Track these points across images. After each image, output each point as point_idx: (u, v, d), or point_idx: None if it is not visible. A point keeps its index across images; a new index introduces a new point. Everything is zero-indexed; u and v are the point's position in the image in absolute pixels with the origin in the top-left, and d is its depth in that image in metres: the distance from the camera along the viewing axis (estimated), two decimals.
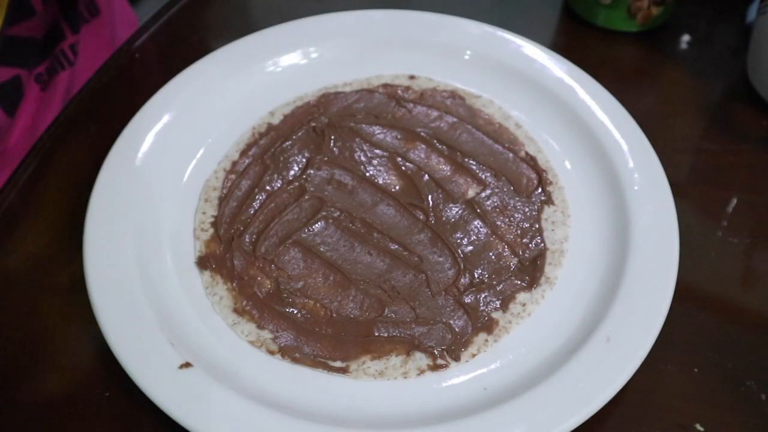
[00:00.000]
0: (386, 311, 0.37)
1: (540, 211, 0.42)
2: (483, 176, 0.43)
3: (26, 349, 0.38)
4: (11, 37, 0.47)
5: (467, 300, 0.38)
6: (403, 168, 0.43)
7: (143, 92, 0.46)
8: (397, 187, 0.42)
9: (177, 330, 0.36)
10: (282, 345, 0.36)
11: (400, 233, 0.40)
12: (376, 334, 0.37)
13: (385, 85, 0.47)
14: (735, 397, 0.36)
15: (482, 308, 0.38)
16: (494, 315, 0.38)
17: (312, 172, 0.43)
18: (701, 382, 0.36)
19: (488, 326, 0.37)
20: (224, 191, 0.42)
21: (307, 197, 0.42)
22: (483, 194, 0.42)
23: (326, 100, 0.47)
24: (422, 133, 0.45)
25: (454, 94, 0.47)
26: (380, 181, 0.43)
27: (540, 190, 0.42)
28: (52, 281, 0.40)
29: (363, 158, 0.43)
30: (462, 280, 0.38)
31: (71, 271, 0.39)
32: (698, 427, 0.35)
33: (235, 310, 0.38)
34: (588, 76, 0.46)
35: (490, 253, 0.40)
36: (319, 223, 0.40)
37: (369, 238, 0.40)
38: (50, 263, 0.41)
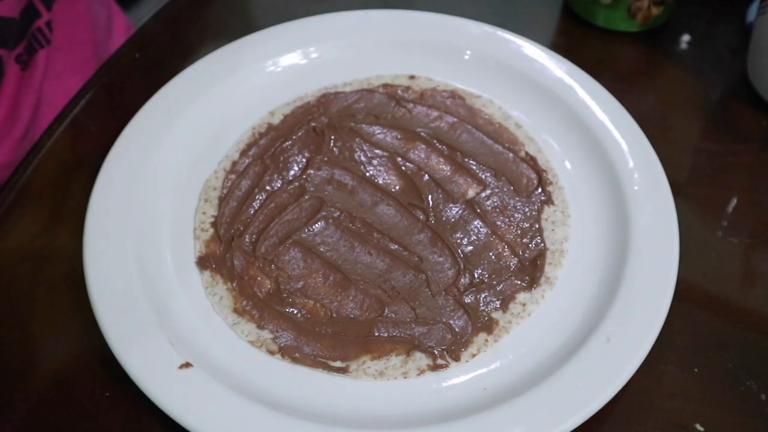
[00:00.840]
0: (386, 311, 0.37)
1: (540, 211, 0.42)
2: (483, 176, 0.43)
3: (26, 349, 0.38)
4: None
5: (467, 300, 0.38)
6: (403, 168, 0.43)
7: (143, 92, 0.46)
8: (397, 187, 0.42)
9: (177, 330, 0.36)
10: (282, 345, 0.36)
11: (400, 233, 0.40)
12: (376, 334, 0.37)
13: (385, 85, 0.47)
14: (735, 397, 0.36)
15: (482, 308, 0.38)
16: (494, 315, 0.38)
17: (312, 172, 0.43)
18: (701, 382, 0.36)
19: (488, 326, 0.37)
20: (224, 191, 0.42)
21: (307, 197, 0.42)
22: (483, 194, 0.42)
23: (326, 100, 0.47)
24: (422, 133, 0.45)
25: (454, 94, 0.47)
26: (380, 181, 0.43)
27: (540, 190, 0.42)
28: (52, 281, 0.40)
29: (363, 158, 0.43)
30: (462, 280, 0.38)
31: (71, 271, 0.39)
32: (698, 427, 0.35)
33: (235, 310, 0.38)
34: (588, 76, 0.46)
35: (490, 253, 0.40)
36: (319, 223, 0.40)
37: (369, 238, 0.40)
38: (50, 263, 0.41)
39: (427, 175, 0.43)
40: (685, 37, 0.53)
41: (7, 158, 0.52)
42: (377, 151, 0.44)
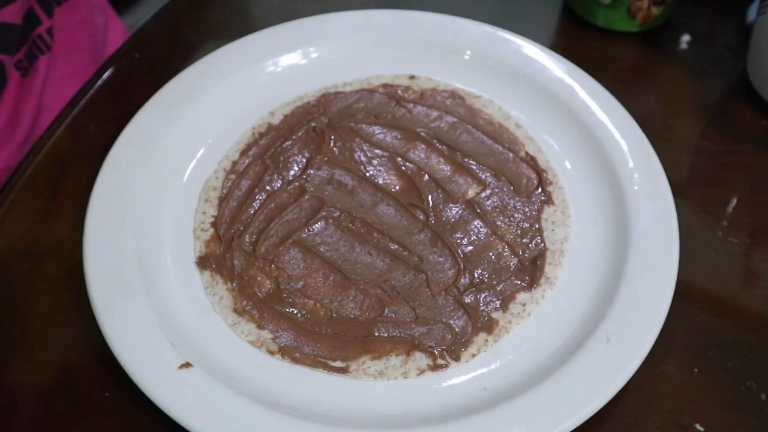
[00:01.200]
0: (386, 311, 0.37)
1: (540, 211, 0.41)
2: (483, 176, 0.43)
3: (25, 349, 0.38)
4: None
5: (467, 300, 0.38)
6: (403, 168, 0.43)
7: (143, 92, 0.46)
8: (397, 187, 0.42)
9: (177, 330, 0.36)
10: (282, 345, 0.36)
11: (400, 233, 0.40)
12: (376, 334, 0.37)
13: (385, 85, 0.47)
14: (735, 397, 0.36)
15: (482, 308, 0.38)
16: (494, 315, 0.38)
17: (312, 172, 0.43)
18: (701, 382, 0.36)
19: (488, 326, 0.37)
20: (224, 191, 0.42)
21: (307, 197, 0.42)
22: (483, 194, 0.42)
23: (326, 100, 0.47)
24: (422, 133, 0.45)
25: (454, 94, 0.47)
26: (380, 181, 0.43)
27: (540, 190, 0.42)
28: (52, 281, 0.40)
29: (363, 158, 0.43)
30: (462, 280, 0.38)
31: (71, 271, 0.39)
32: (698, 427, 0.35)
33: (235, 310, 0.38)
34: (588, 76, 0.46)
35: (490, 253, 0.40)
36: (319, 223, 0.40)
37: (369, 238, 0.40)
38: (50, 263, 0.41)
39: (427, 175, 0.43)
40: (685, 37, 0.53)
41: (7, 163, 0.52)
42: (377, 151, 0.44)
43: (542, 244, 0.40)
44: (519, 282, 0.39)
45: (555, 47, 0.49)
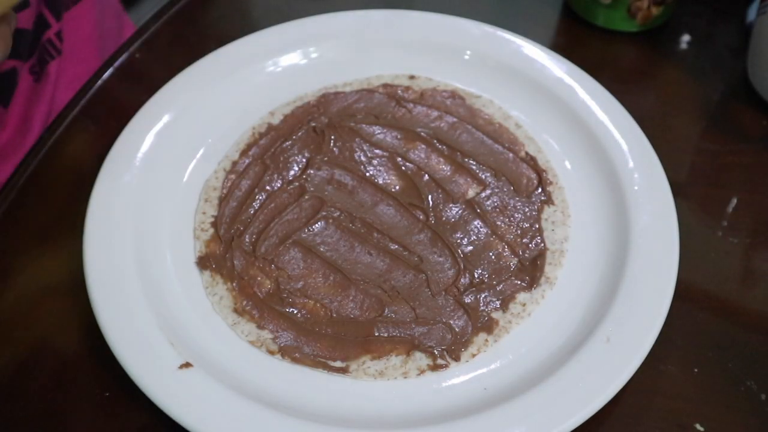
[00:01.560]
0: (386, 311, 0.37)
1: (540, 211, 0.41)
2: (483, 176, 0.43)
3: (26, 349, 0.38)
4: None
5: (467, 300, 0.38)
6: (403, 168, 0.43)
7: (143, 92, 0.46)
8: (397, 187, 0.42)
9: (177, 330, 0.36)
10: (282, 345, 0.36)
11: (400, 233, 0.40)
12: (376, 334, 0.37)
13: (385, 85, 0.47)
14: (735, 397, 0.36)
15: (482, 308, 0.38)
16: (494, 315, 0.38)
17: (312, 172, 0.43)
18: (701, 382, 0.36)
19: (488, 326, 0.37)
20: (224, 191, 0.42)
21: (307, 197, 0.42)
22: (483, 194, 0.42)
23: (326, 100, 0.47)
24: (422, 133, 0.45)
25: (454, 94, 0.47)
26: (380, 181, 0.43)
27: (540, 190, 0.42)
28: (52, 281, 0.40)
29: (363, 158, 0.43)
30: (462, 280, 0.38)
31: (71, 271, 0.39)
32: (698, 427, 0.35)
33: (235, 310, 0.38)
34: (588, 76, 0.46)
35: (490, 253, 0.40)
36: (319, 223, 0.40)
37: (369, 238, 0.40)
38: (50, 263, 0.41)
39: (427, 175, 0.43)
40: (685, 37, 0.53)
41: None
42: (377, 151, 0.44)
43: (542, 244, 0.40)
44: (519, 282, 0.39)
45: (555, 47, 0.49)
